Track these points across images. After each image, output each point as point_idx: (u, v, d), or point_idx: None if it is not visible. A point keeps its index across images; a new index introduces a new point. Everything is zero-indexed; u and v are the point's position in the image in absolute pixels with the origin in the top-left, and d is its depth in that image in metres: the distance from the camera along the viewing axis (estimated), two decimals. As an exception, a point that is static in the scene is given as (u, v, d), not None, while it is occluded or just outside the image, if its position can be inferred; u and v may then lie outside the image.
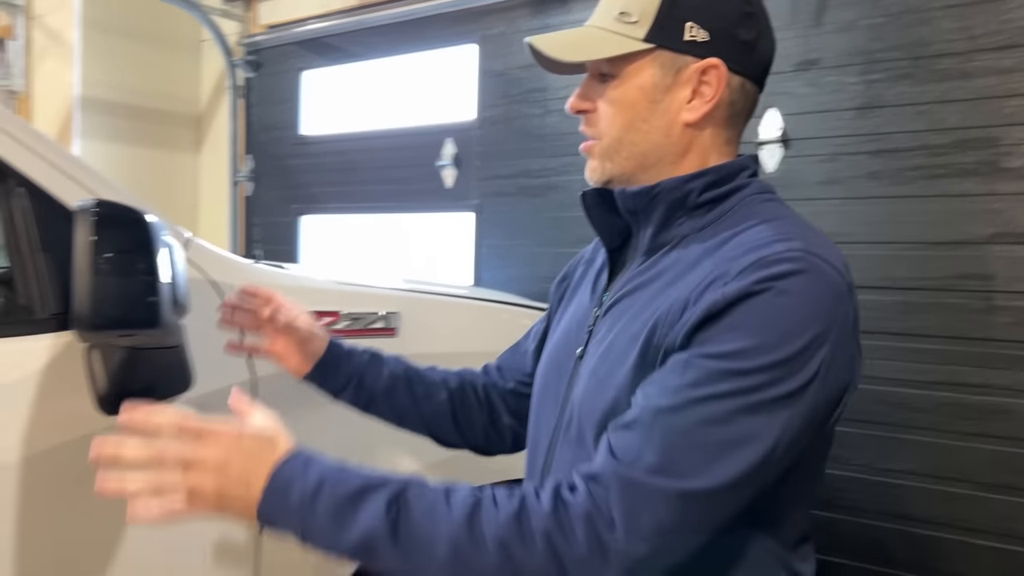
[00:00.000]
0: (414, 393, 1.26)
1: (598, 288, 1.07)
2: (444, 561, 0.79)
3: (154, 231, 1.04)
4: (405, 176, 3.59)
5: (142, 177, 4.21)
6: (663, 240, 0.97)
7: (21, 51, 4.28)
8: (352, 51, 3.85)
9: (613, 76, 0.97)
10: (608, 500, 0.80)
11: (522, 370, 1.27)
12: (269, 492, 0.83)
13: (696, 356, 0.83)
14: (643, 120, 0.96)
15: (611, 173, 1.00)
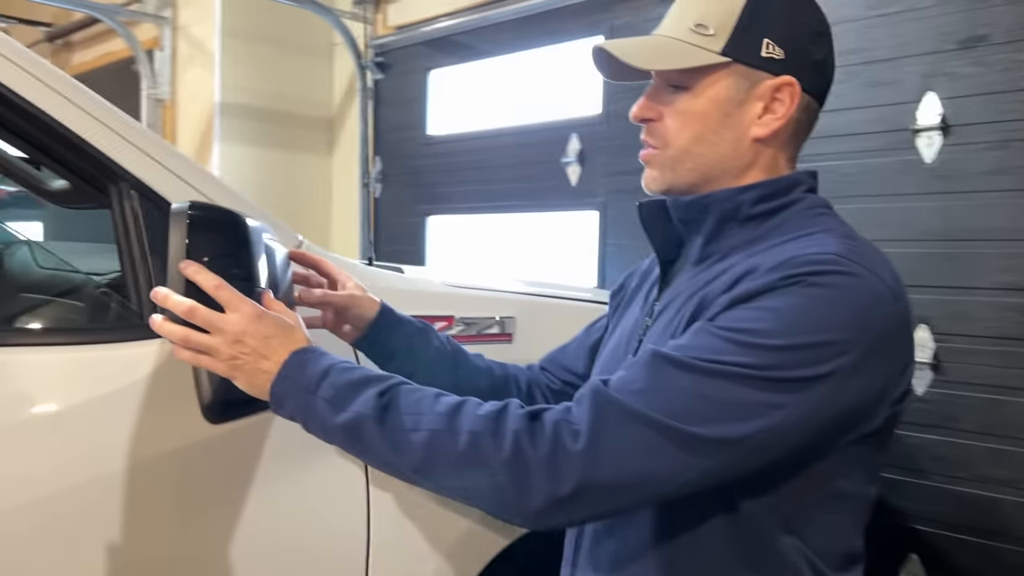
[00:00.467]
0: (458, 374, 1.26)
1: (649, 298, 1.09)
2: (419, 446, 0.86)
3: (251, 234, 0.99)
4: (530, 174, 3.52)
5: (277, 180, 4.34)
6: (713, 250, 0.99)
7: (168, 61, 4.50)
8: (478, 48, 3.81)
9: (685, 88, 0.98)
10: (580, 411, 0.85)
11: (572, 370, 1.28)
12: (283, 372, 0.94)
13: (711, 325, 0.87)
14: (713, 132, 0.97)
15: (672, 183, 1.01)
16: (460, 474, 0.86)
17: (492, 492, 0.85)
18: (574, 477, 0.81)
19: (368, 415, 0.89)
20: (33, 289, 1.52)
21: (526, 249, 3.61)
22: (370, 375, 0.94)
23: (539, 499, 0.82)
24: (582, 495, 0.82)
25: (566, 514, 0.84)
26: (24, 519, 1.05)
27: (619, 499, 0.84)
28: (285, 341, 0.96)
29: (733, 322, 0.86)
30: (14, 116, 1.12)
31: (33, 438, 1.07)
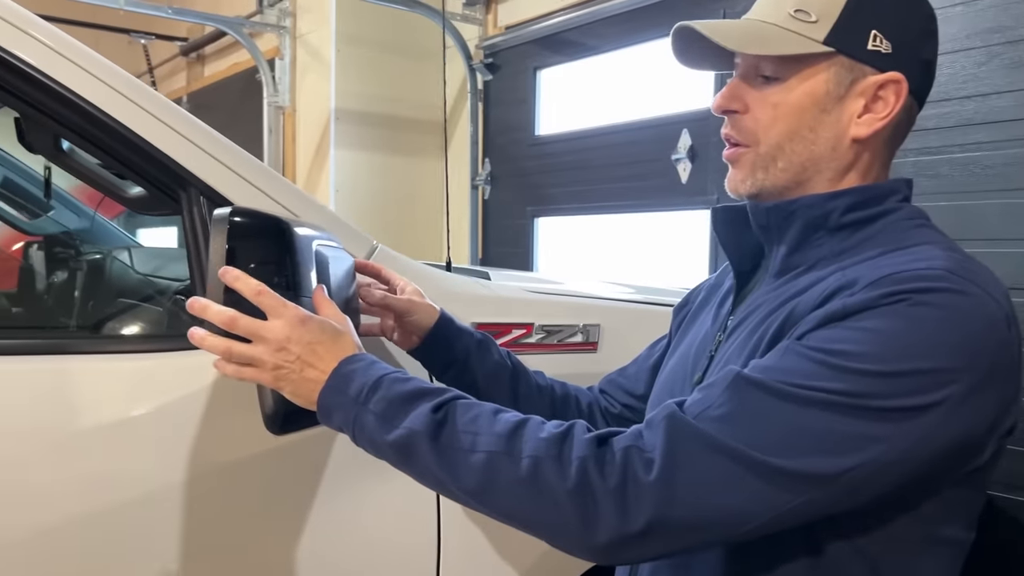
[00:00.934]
0: (516, 390, 1.19)
1: (722, 312, 0.99)
2: (475, 469, 0.80)
3: (297, 241, 0.95)
4: (639, 172, 3.40)
5: (391, 185, 4.39)
6: (797, 261, 0.90)
7: (287, 69, 4.65)
8: (587, 44, 3.72)
9: (778, 78, 0.89)
10: (653, 440, 0.77)
11: (632, 392, 1.20)
12: (330, 382, 0.88)
13: (800, 345, 0.78)
14: (809, 129, 0.88)
15: (762, 185, 0.91)
16: (519, 502, 0.79)
17: (554, 523, 0.78)
18: (646, 511, 0.74)
19: (421, 432, 0.83)
20: (124, 294, 1.55)
21: (636, 251, 3.49)
22: (424, 387, 0.88)
23: (606, 534, 0.75)
24: (654, 531, 0.74)
25: (635, 551, 0.76)
26: (95, 526, 1.05)
27: (693, 536, 0.76)
28: (332, 347, 0.91)
29: (826, 343, 0.76)
30: (89, 124, 1.13)
31: (100, 447, 1.07)
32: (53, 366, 1.10)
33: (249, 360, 0.91)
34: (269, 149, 4.69)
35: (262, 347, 0.90)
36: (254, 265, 0.91)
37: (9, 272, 2.20)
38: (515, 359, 1.24)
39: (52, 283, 2.00)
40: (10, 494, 1.01)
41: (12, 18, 1.08)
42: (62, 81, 1.10)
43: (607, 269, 3.58)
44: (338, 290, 1.06)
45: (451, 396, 0.87)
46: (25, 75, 1.09)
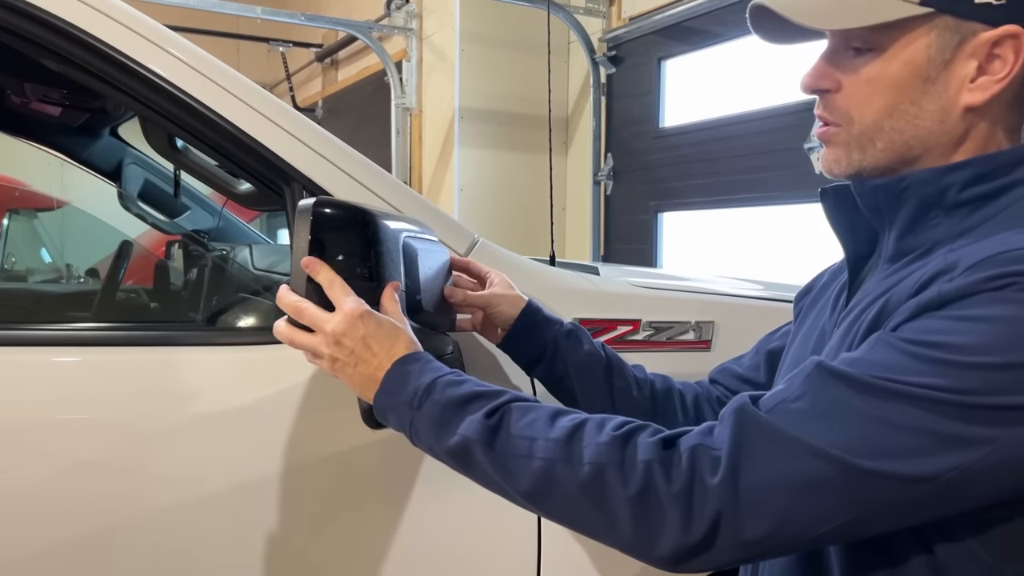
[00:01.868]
0: (611, 383, 1.13)
1: (838, 303, 0.91)
2: (533, 475, 0.77)
3: (381, 232, 0.93)
4: (768, 163, 3.24)
5: (513, 182, 4.39)
6: (911, 245, 0.81)
7: (414, 71, 4.73)
8: (713, 32, 3.58)
9: (872, 49, 0.80)
10: (722, 435, 0.71)
11: (750, 381, 1.12)
12: (384, 385, 0.87)
13: (892, 336, 0.71)
14: (911, 102, 0.79)
15: (860, 165, 0.83)
16: (580, 509, 0.76)
17: (617, 531, 0.74)
18: (709, 516, 0.69)
19: (475, 439, 0.81)
20: (242, 289, 1.59)
21: (767, 246, 3.33)
22: (478, 390, 0.85)
23: (669, 543, 0.70)
24: (719, 538, 0.69)
25: (702, 561, 0.71)
26: (188, 516, 1.08)
27: (764, 544, 0.70)
28: (386, 344, 0.89)
29: (922, 333, 0.69)
30: (197, 122, 1.16)
31: (198, 437, 1.10)
32: (165, 357, 1.14)
33: (310, 349, 0.91)
34: (397, 150, 4.80)
35: (319, 338, 0.90)
36: (339, 256, 0.90)
37: (147, 269, 2.33)
38: (611, 351, 1.17)
39: (183, 279, 2.10)
40: (118, 481, 1.05)
41: (125, 20, 1.12)
42: (172, 80, 1.13)
43: (736, 266, 3.43)
44: (429, 283, 1.04)
45: (506, 399, 0.84)
46: (140, 76, 1.13)
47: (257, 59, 6.53)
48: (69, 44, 1.11)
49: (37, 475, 1.02)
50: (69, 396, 1.06)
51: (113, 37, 1.10)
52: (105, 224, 2.69)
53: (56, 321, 1.92)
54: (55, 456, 1.03)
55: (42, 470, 1.02)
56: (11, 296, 2.51)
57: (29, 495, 1.02)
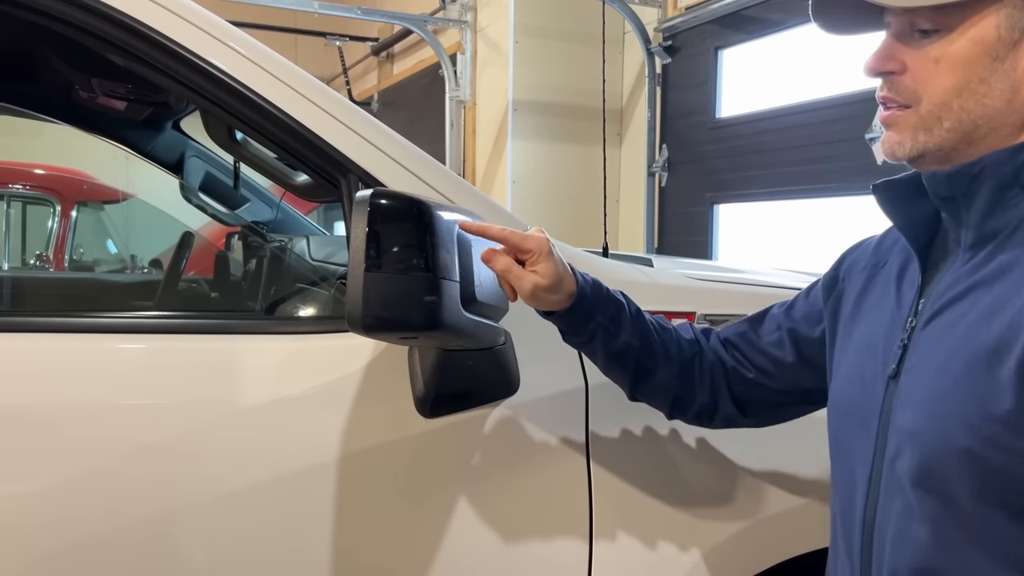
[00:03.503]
0: (638, 370, 1.12)
1: (906, 295, 0.90)
2: None
3: (437, 223, 0.93)
4: (828, 154, 3.17)
5: (567, 174, 4.37)
6: (994, 228, 0.80)
7: (468, 64, 4.74)
8: (772, 20, 3.51)
9: (938, 30, 0.80)
10: None
11: (773, 358, 1.11)
12: None
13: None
14: (980, 81, 0.79)
15: (925, 147, 0.82)
16: None
17: None
18: None
19: None
20: (299, 280, 1.62)
21: (826, 239, 3.25)
22: None
23: None
24: None
25: None
26: (240, 504, 1.10)
27: None
28: None
29: None
30: (255, 113, 1.18)
31: (250, 426, 1.12)
32: (223, 346, 1.16)
33: None
34: (451, 143, 4.82)
35: None
36: (395, 247, 0.90)
37: (208, 260, 2.38)
38: (644, 329, 1.14)
39: (243, 270, 2.14)
40: (179, 464, 1.07)
41: (189, 16, 1.14)
42: (231, 73, 1.15)
43: (793, 259, 3.37)
44: (483, 274, 1.04)
45: None
46: (201, 70, 1.15)
47: (315, 53, 6.62)
48: (135, 40, 1.13)
49: (104, 457, 1.05)
50: (133, 382, 1.09)
51: (177, 32, 1.13)
52: (168, 216, 2.77)
53: (121, 310, 1.97)
54: (120, 440, 1.06)
55: (109, 452, 1.05)
56: (79, 285, 2.59)
57: (98, 477, 1.05)
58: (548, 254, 1.03)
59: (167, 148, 2.33)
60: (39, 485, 1.03)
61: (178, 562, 1.08)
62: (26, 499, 1.02)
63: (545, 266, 1.02)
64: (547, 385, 1.24)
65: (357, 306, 0.89)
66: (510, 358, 1.19)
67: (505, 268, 1.01)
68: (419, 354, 1.13)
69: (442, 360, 1.10)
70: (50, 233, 4.18)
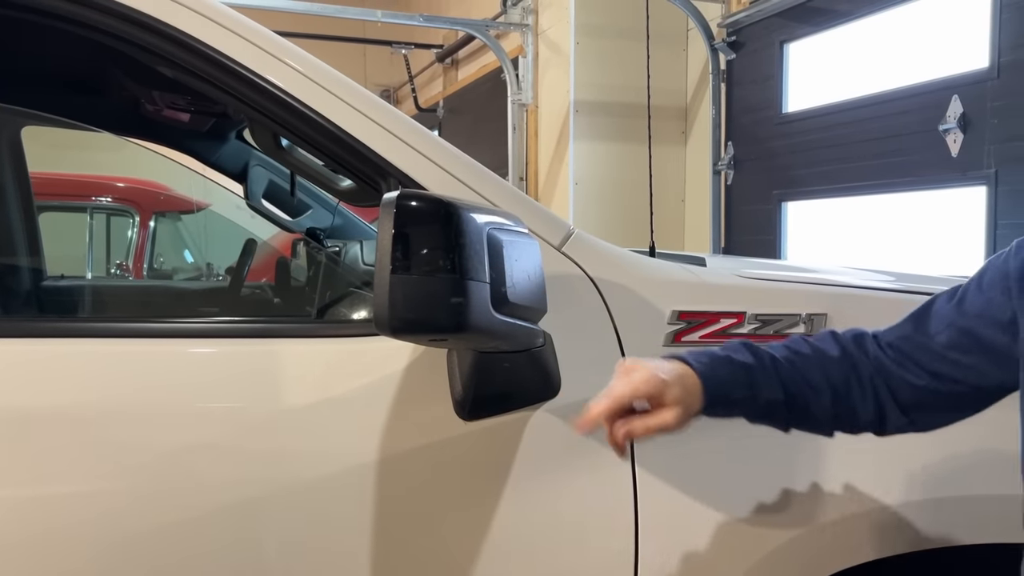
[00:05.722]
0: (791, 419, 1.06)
1: None
2: None
3: (465, 224, 0.92)
4: (900, 147, 3.04)
5: (631, 174, 4.32)
6: None
7: (530, 67, 4.74)
8: (839, 11, 3.40)
9: None
10: None
11: (922, 364, 1.03)
12: None
13: None
14: None
15: None
16: None
17: None
18: None
19: None
20: (351, 284, 1.63)
21: (900, 235, 3.13)
22: None
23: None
24: None
25: None
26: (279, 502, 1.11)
27: None
28: None
29: None
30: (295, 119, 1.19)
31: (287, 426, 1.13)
32: (269, 348, 1.18)
33: None
34: (513, 146, 4.82)
35: None
36: (423, 249, 0.90)
37: (271, 266, 2.43)
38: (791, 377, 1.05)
39: (304, 275, 2.18)
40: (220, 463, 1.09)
41: (226, 22, 1.17)
42: (275, 81, 1.17)
43: (868, 257, 3.25)
44: (516, 275, 1.02)
45: None
46: (246, 80, 1.17)
47: (382, 63, 6.72)
48: (183, 52, 1.16)
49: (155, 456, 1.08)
50: (201, 383, 1.12)
51: (219, 42, 1.15)
52: (238, 225, 2.84)
53: (190, 316, 2.03)
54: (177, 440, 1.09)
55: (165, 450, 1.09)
56: (150, 292, 2.68)
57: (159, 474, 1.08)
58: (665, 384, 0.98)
59: (232, 158, 2.39)
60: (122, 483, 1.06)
61: (228, 559, 1.10)
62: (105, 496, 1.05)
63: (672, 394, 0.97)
64: (591, 387, 1.22)
65: (384, 309, 0.89)
66: (550, 360, 1.17)
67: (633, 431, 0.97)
68: (456, 356, 1.12)
69: (478, 362, 1.09)
70: (130, 243, 4.35)
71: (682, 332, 1.27)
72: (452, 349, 1.12)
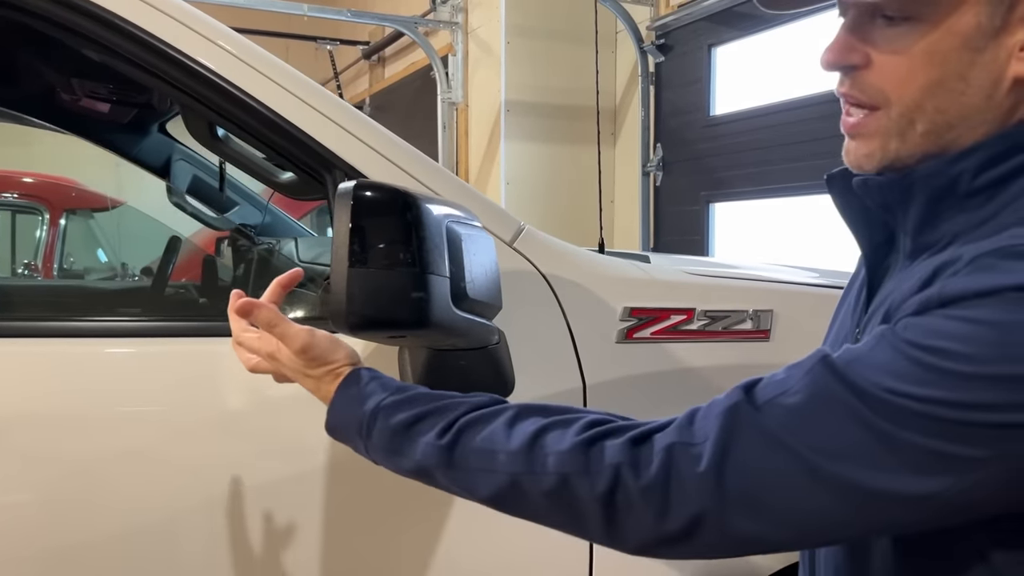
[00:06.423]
0: None
1: (861, 299, 0.83)
2: (497, 487, 0.76)
3: (424, 216, 0.89)
4: (828, 149, 3.12)
5: (561, 175, 4.34)
6: (930, 240, 0.73)
7: (460, 65, 4.70)
8: (766, 17, 3.48)
9: (907, 17, 0.70)
10: (706, 430, 0.68)
11: None
12: (331, 416, 0.88)
13: (894, 335, 0.65)
14: (959, 77, 0.69)
15: (896, 156, 0.72)
16: (546, 515, 0.76)
17: (585, 530, 0.75)
18: (690, 507, 0.67)
19: (433, 464, 0.80)
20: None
21: (825, 237, 3.22)
22: (424, 409, 0.82)
23: (640, 535, 0.70)
24: (701, 533, 0.67)
25: (678, 551, 0.70)
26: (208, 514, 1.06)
27: (759, 541, 0.68)
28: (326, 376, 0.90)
29: (923, 336, 0.63)
30: (234, 107, 1.14)
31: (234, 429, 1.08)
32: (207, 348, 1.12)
33: None
34: (443, 145, 4.78)
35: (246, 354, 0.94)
36: (381, 243, 0.86)
37: (195, 265, 2.33)
38: None
39: (231, 274, 2.10)
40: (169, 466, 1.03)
41: (166, 8, 1.10)
42: (208, 65, 1.11)
43: (791, 257, 3.33)
44: (474, 270, 0.99)
45: (458, 413, 0.81)
46: (180, 64, 1.11)
47: (306, 58, 6.57)
48: (112, 34, 1.10)
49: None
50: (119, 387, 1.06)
51: (150, 23, 1.09)
52: (160, 223, 2.72)
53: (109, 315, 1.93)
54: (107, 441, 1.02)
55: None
56: (65, 292, 2.54)
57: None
58: None
59: (153, 152, 2.29)
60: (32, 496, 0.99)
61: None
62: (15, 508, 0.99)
63: None
64: (543, 386, 1.20)
65: (341, 304, 0.84)
66: (504, 358, 1.14)
67: None
68: (409, 354, 1.09)
69: (432, 360, 1.05)
70: (39, 242, 4.13)
71: (634, 328, 1.26)
72: (406, 347, 1.08)
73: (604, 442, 0.72)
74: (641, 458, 0.69)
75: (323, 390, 0.89)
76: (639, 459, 0.69)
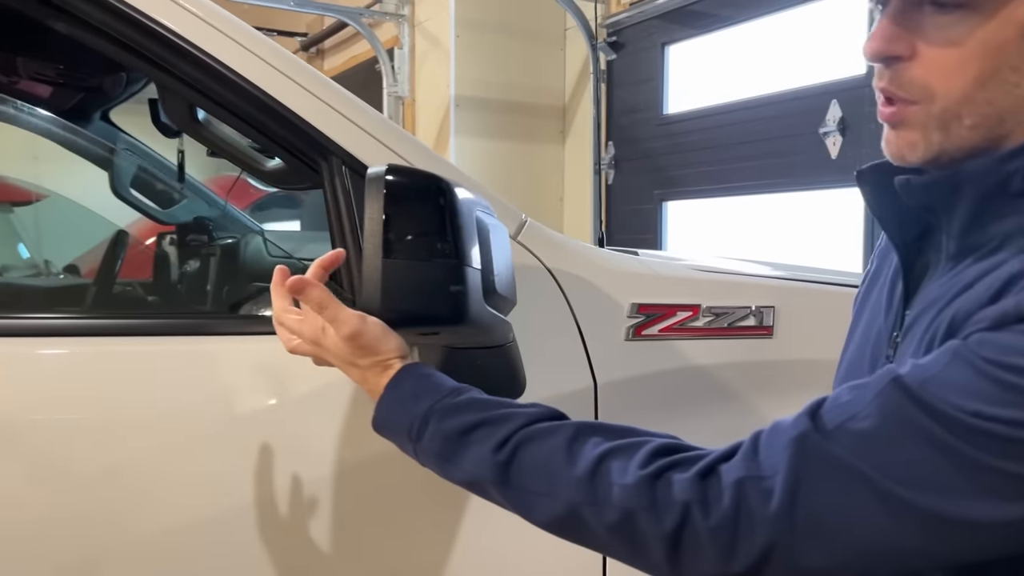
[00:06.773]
0: None
1: (895, 299, 0.79)
2: (558, 514, 0.72)
3: (463, 206, 0.83)
4: (780, 149, 3.16)
5: (511, 171, 4.29)
6: (977, 241, 0.69)
7: (406, 59, 4.61)
8: (720, 15, 3.50)
9: (960, 4, 0.66)
10: (775, 463, 0.64)
11: None
12: (379, 413, 0.84)
13: (969, 350, 0.61)
14: (1013, 69, 0.66)
15: (940, 149, 0.69)
16: (607, 546, 0.73)
17: (648, 564, 0.71)
18: (757, 548, 0.64)
19: (487, 479, 0.76)
20: (259, 278, 1.49)
21: (778, 234, 3.25)
22: (478, 418, 0.78)
23: (705, 571, 0.67)
24: (766, 567, 0.64)
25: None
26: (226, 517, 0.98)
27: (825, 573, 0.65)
28: (376, 368, 0.85)
29: (1003, 353, 0.60)
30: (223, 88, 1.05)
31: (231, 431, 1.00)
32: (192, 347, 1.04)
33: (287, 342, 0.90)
34: (389, 139, 4.67)
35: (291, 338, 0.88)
36: (411, 233, 0.79)
37: (144, 262, 2.20)
38: None
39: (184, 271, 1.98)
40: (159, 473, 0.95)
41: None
42: (198, 43, 1.03)
43: (747, 255, 3.36)
44: (499, 263, 0.93)
45: (515, 426, 0.77)
46: (161, 38, 1.03)
47: (240, 49, 6.37)
48: (85, 3, 1.00)
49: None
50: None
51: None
52: (93, 214, 2.56)
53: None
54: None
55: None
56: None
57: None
58: None
59: (96, 141, 2.15)
60: None
61: None
62: None
63: None
64: (552, 386, 1.15)
65: (375, 299, 0.78)
66: (516, 356, 1.09)
67: None
68: (419, 352, 1.02)
69: (448, 359, 0.99)
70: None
71: (642, 325, 1.23)
72: (424, 344, 1.01)
73: (671, 476, 0.68)
74: (710, 494, 0.66)
75: (371, 382, 0.84)
76: (707, 496, 0.66)
